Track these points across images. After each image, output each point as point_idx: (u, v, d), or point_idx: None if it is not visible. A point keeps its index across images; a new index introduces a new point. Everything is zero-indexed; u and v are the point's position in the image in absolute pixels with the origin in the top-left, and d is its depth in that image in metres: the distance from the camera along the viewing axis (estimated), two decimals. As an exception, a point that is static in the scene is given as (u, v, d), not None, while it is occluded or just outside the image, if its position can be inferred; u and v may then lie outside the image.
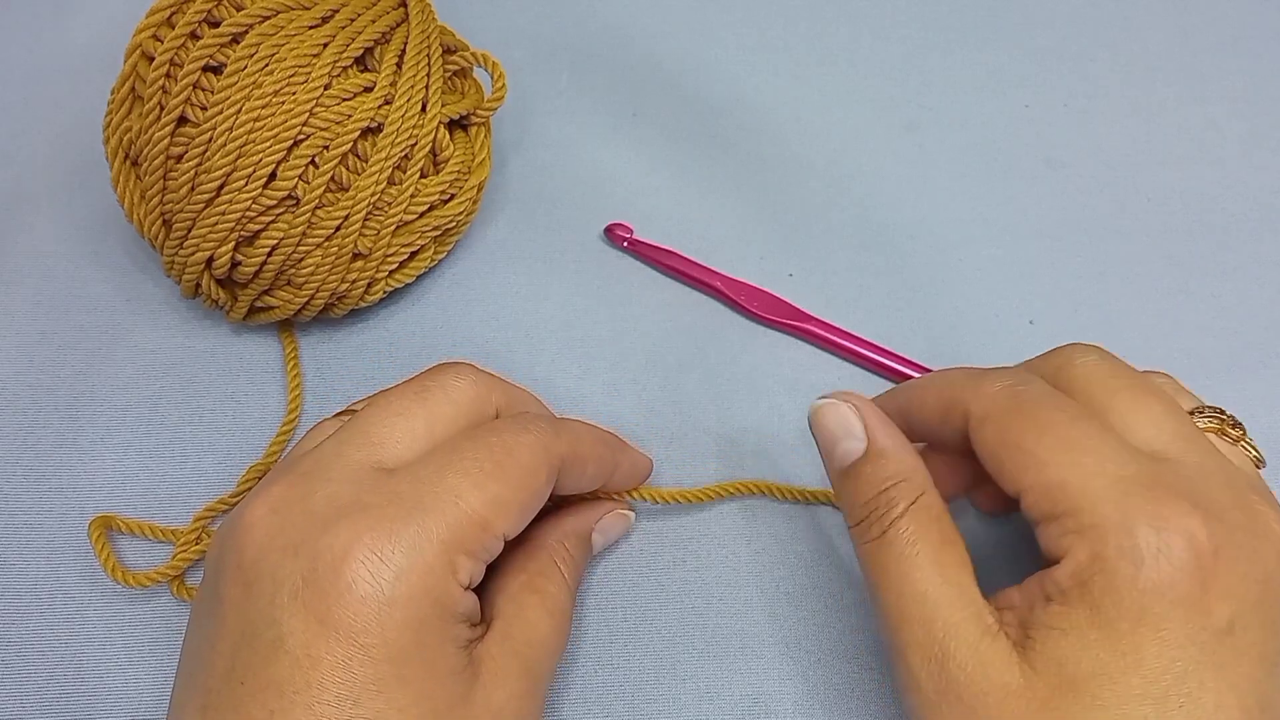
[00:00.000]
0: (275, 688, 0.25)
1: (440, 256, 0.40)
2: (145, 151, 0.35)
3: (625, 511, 0.35)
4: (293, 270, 0.36)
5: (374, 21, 0.36)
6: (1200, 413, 0.30)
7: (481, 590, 0.29)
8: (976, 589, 0.27)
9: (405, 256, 0.37)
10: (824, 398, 0.31)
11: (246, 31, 0.34)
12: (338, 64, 0.34)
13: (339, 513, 0.26)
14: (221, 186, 0.34)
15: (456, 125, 0.38)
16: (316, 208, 0.35)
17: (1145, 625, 0.24)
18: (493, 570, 0.29)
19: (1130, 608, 0.25)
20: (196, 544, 0.35)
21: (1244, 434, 0.30)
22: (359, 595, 0.25)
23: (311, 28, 0.35)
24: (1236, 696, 0.24)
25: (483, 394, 0.30)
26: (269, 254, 0.35)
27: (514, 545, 0.30)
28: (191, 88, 0.34)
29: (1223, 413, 0.30)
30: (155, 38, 0.35)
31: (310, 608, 0.25)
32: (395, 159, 0.35)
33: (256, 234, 0.35)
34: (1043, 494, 0.26)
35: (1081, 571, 0.25)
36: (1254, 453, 0.30)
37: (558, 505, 0.33)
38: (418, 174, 0.36)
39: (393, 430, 0.28)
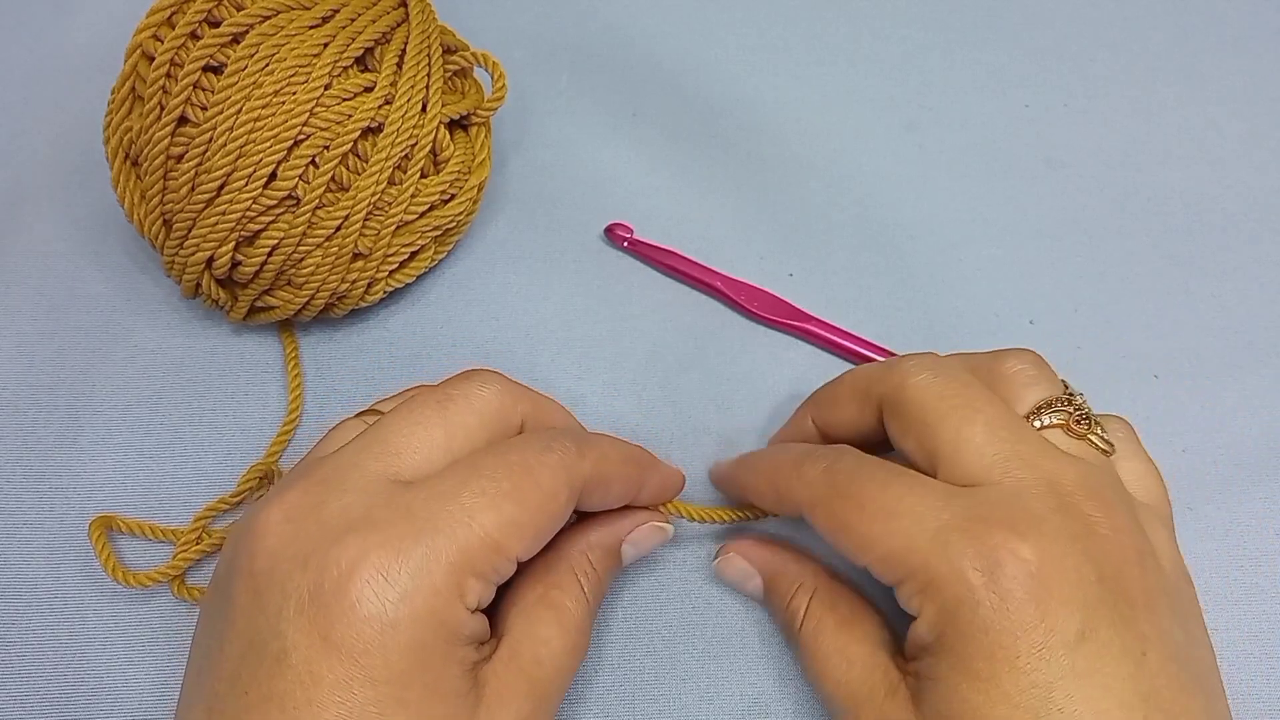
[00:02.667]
0: (277, 702, 0.25)
1: (440, 256, 0.40)
2: (145, 151, 0.35)
3: (663, 525, 0.33)
4: (293, 270, 0.36)
5: (374, 21, 0.36)
6: (1049, 407, 0.30)
7: (495, 601, 0.28)
8: (880, 654, 0.30)
9: (405, 256, 0.37)
10: (715, 557, 0.35)
11: (247, 31, 0.34)
12: (338, 64, 0.34)
13: (350, 526, 0.26)
14: (221, 186, 0.34)
15: (457, 125, 0.38)
16: (317, 208, 0.35)
17: (998, 660, 0.25)
18: (508, 580, 0.29)
19: (980, 648, 0.26)
20: (197, 544, 0.35)
21: (1090, 426, 0.30)
22: (362, 615, 0.25)
23: (312, 28, 0.35)
24: (1112, 697, 0.25)
25: (507, 405, 0.30)
26: (269, 254, 0.35)
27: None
28: (192, 88, 0.34)
29: (1071, 403, 0.30)
30: (155, 38, 0.35)
31: (315, 624, 0.25)
32: (395, 159, 0.35)
33: (256, 234, 0.35)
34: (882, 567, 0.28)
35: (934, 626, 0.27)
36: (1101, 445, 0.30)
37: (587, 514, 0.32)
38: (418, 174, 0.36)
39: (411, 440, 0.28)
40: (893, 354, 0.39)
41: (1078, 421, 0.30)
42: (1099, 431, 0.30)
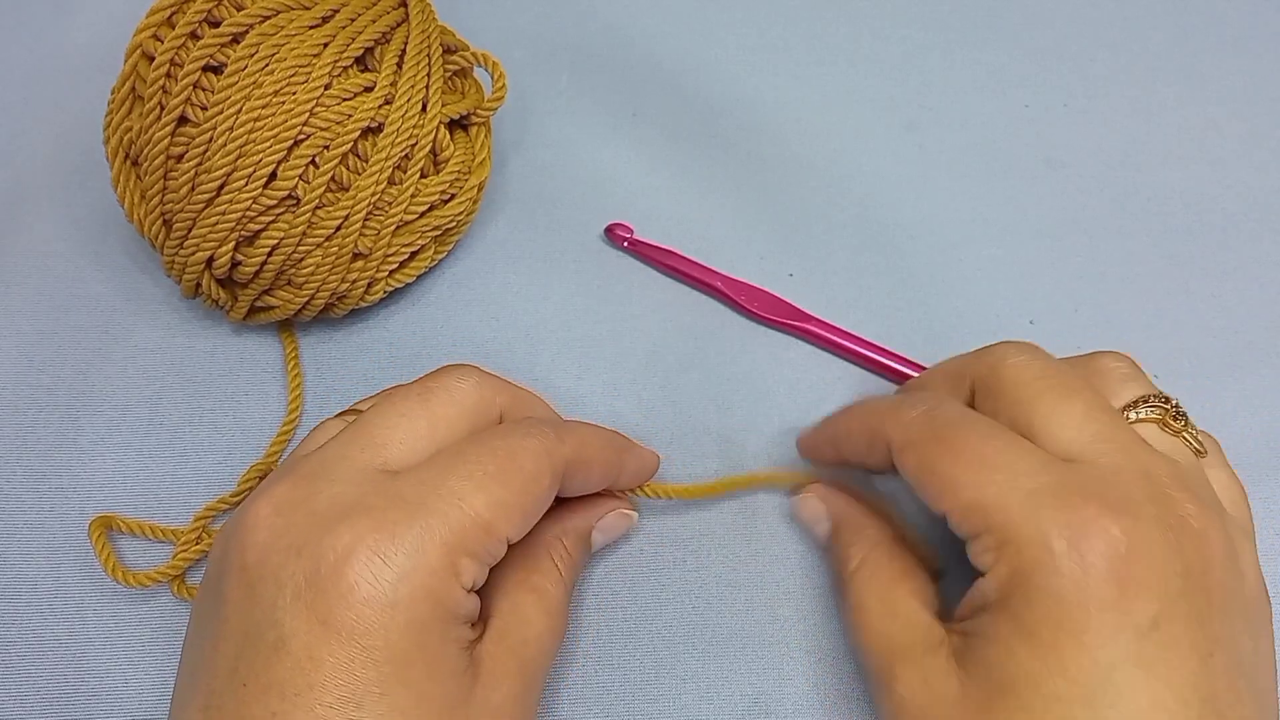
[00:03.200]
0: (277, 689, 0.25)
1: (440, 256, 0.40)
2: (145, 151, 0.35)
3: (628, 511, 0.35)
4: (293, 270, 0.36)
5: (374, 21, 0.36)
6: (1145, 402, 0.30)
7: (480, 588, 0.29)
8: (926, 612, 0.30)
9: (405, 256, 0.37)
10: (796, 495, 0.36)
11: (247, 31, 0.34)
12: (338, 64, 0.34)
13: (342, 514, 0.26)
14: (221, 186, 0.34)
15: (456, 125, 0.38)
16: (317, 208, 0.35)
17: (1065, 631, 0.25)
18: (491, 568, 0.29)
19: (1049, 616, 0.25)
20: (196, 544, 0.35)
21: (1186, 424, 0.30)
22: (361, 597, 0.25)
23: (311, 28, 0.35)
24: (1171, 691, 0.25)
25: (487, 396, 0.30)
26: (269, 254, 0.35)
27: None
28: (192, 88, 0.34)
29: (1167, 402, 0.30)
30: (155, 38, 0.35)
31: (313, 609, 0.25)
32: (395, 159, 0.35)
33: (256, 234, 0.35)
34: (962, 515, 0.28)
35: (1004, 585, 0.27)
36: (1194, 444, 0.30)
37: (559, 501, 0.33)
38: (418, 174, 0.36)
39: (395, 431, 0.28)
40: (893, 354, 0.39)
41: (1174, 418, 0.30)
42: (1193, 431, 0.30)
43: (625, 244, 0.42)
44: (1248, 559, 0.28)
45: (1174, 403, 0.30)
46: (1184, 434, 0.30)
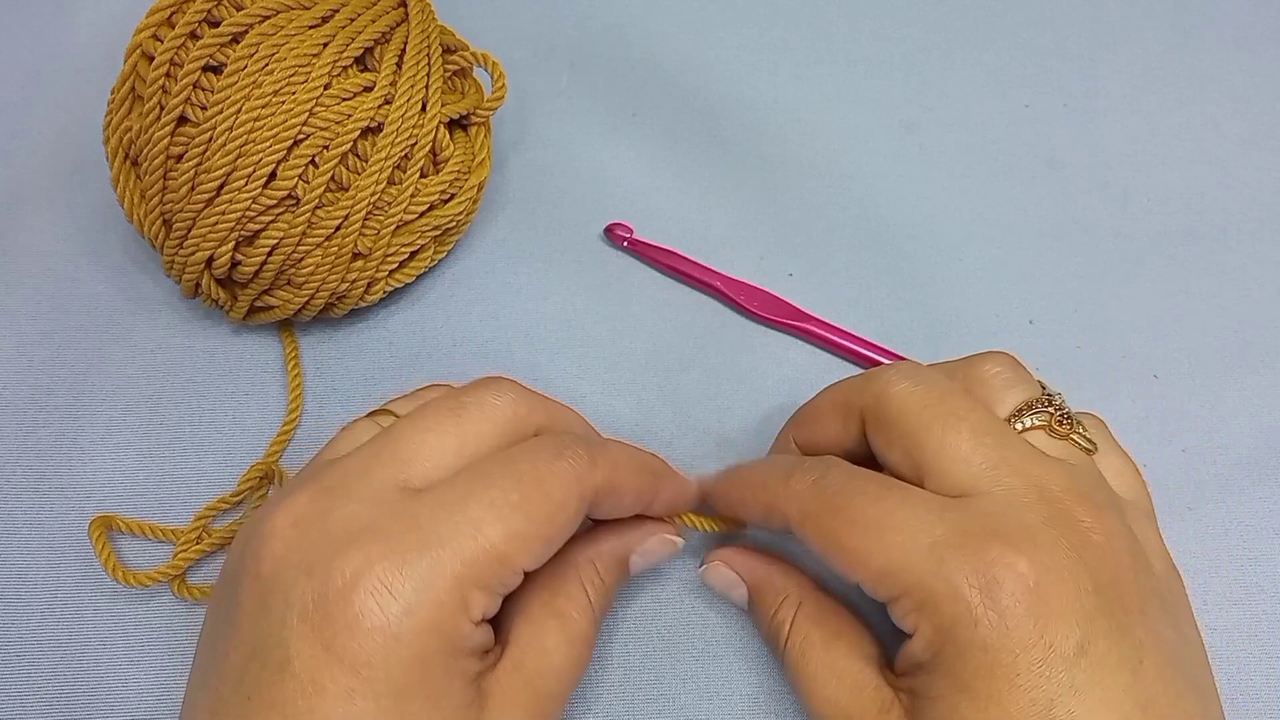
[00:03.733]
0: (279, 709, 0.25)
1: (440, 256, 0.40)
2: (145, 151, 0.35)
3: (673, 537, 0.33)
4: (293, 270, 0.36)
5: (374, 21, 0.36)
6: (1030, 409, 0.30)
7: (500, 607, 0.28)
8: (870, 670, 0.29)
9: (405, 256, 0.37)
10: (702, 565, 0.34)
11: (246, 31, 0.34)
12: (338, 64, 0.34)
13: (355, 536, 0.26)
14: (221, 186, 0.34)
15: (456, 125, 0.39)
16: (316, 208, 0.35)
17: (998, 679, 0.25)
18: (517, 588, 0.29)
19: (980, 667, 0.25)
20: (196, 544, 0.35)
21: (1072, 425, 0.30)
22: (366, 627, 0.25)
23: (311, 27, 0.35)
24: (1112, 711, 0.25)
25: (522, 414, 0.29)
26: (269, 254, 0.35)
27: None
28: (191, 87, 0.34)
29: (1050, 404, 0.30)
30: (155, 37, 0.35)
31: (318, 633, 0.25)
32: (395, 159, 0.35)
33: (256, 234, 0.35)
34: (875, 583, 0.27)
35: (931, 644, 0.26)
36: (1084, 444, 0.30)
37: (597, 521, 0.32)
38: (418, 174, 0.36)
39: (422, 448, 0.28)
40: (893, 354, 0.39)
41: (1060, 422, 0.30)
42: (1081, 430, 0.30)
43: (625, 244, 0.42)
44: (1153, 546, 0.29)
45: (1058, 403, 0.30)
46: (1072, 436, 0.30)
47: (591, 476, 0.28)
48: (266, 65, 0.33)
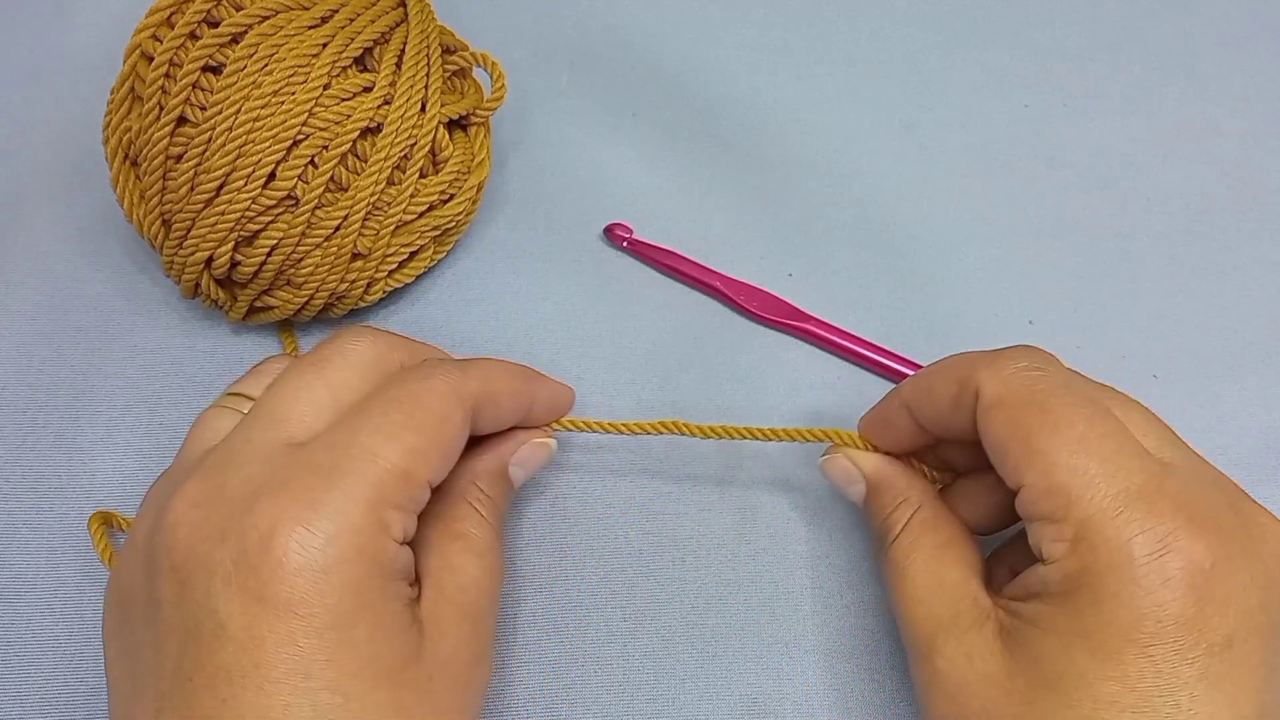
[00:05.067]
0: (224, 675, 0.24)
1: (440, 256, 0.40)
2: (145, 151, 0.35)
3: (544, 440, 0.34)
4: (292, 270, 0.36)
5: (373, 21, 0.36)
6: None
7: (411, 542, 0.29)
8: (973, 581, 0.29)
9: (405, 256, 0.37)
10: (825, 454, 0.34)
11: (246, 31, 0.34)
12: (337, 64, 0.34)
13: (258, 492, 0.26)
14: (221, 186, 0.34)
15: (456, 125, 0.38)
16: (316, 208, 0.35)
17: (1133, 642, 0.25)
18: (418, 529, 0.29)
19: (1117, 623, 0.25)
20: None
21: None
22: (292, 568, 0.25)
23: (311, 28, 0.35)
24: (1233, 709, 0.24)
25: (382, 353, 0.30)
26: (268, 254, 0.35)
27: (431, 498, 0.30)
28: (191, 88, 0.34)
29: None
30: (155, 38, 0.35)
31: (245, 589, 0.25)
32: (395, 159, 0.35)
33: (256, 234, 0.35)
34: (1044, 494, 0.26)
35: (1070, 579, 0.26)
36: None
37: (472, 445, 0.32)
38: (417, 174, 0.36)
39: (296, 405, 0.28)
40: (893, 354, 0.39)
41: None
42: None
43: (625, 244, 0.42)
44: None
45: None
46: None
47: (466, 386, 0.29)
48: (266, 65, 0.33)
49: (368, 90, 0.35)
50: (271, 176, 0.34)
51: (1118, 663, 0.25)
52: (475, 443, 0.32)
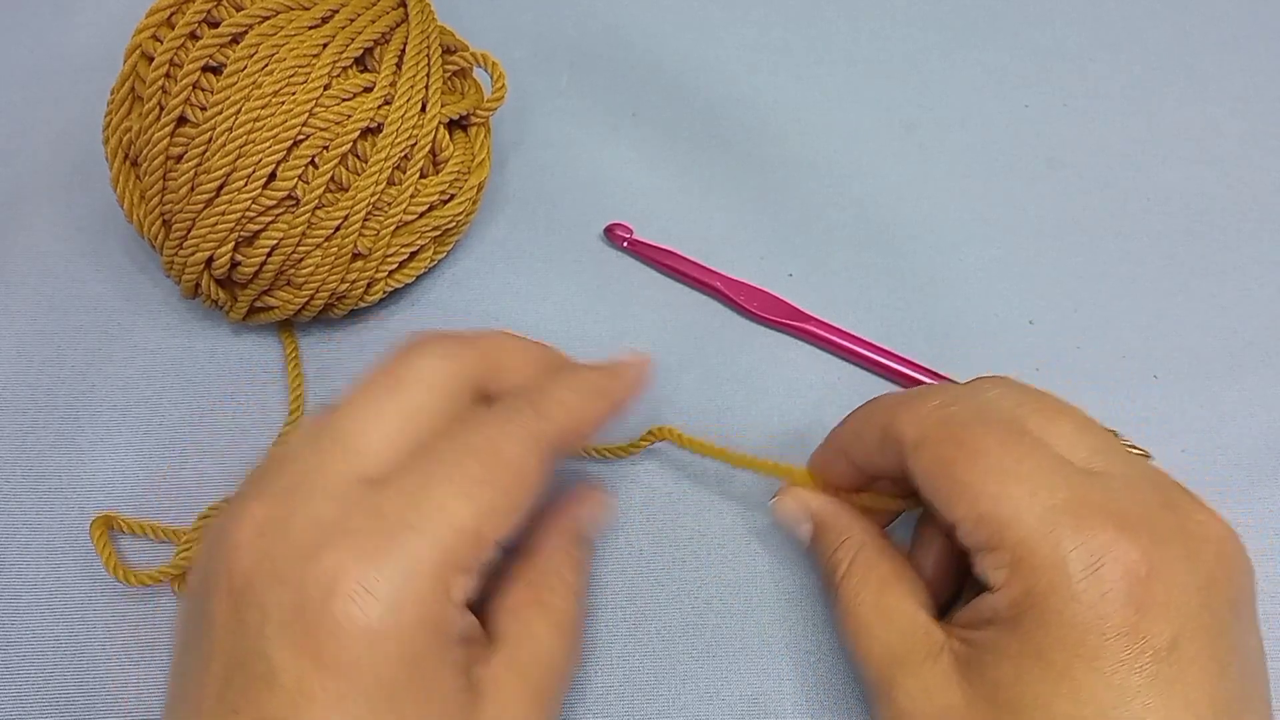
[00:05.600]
0: None
1: (440, 256, 0.40)
2: (145, 151, 0.35)
3: (603, 500, 0.34)
4: (292, 270, 0.36)
5: (374, 22, 0.36)
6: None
7: (484, 606, 0.28)
8: (921, 614, 0.29)
9: (405, 256, 0.37)
10: (774, 497, 0.34)
11: (246, 32, 0.34)
12: (337, 64, 0.34)
13: (323, 538, 0.25)
14: (221, 187, 0.34)
15: (456, 125, 0.39)
16: (316, 208, 0.35)
17: (1080, 658, 0.25)
18: (494, 583, 0.28)
19: (1064, 641, 0.25)
20: (198, 544, 0.35)
21: (1120, 438, 0.30)
22: (350, 631, 0.24)
23: (311, 28, 0.35)
24: (1188, 709, 0.24)
25: (456, 370, 0.29)
26: (269, 254, 0.35)
27: (512, 552, 0.29)
28: (191, 88, 0.34)
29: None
30: (155, 38, 0.35)
31: (301, 643, 0.24)
32: (395, 159, 0.35)
33: (256, 234, 0.35)
34: (975, 526, 0.27)
35: (1016, 604, 0.26)
36: (1140, 451, 0.30)
37: (550, 504, 0.32)
38: (417, 174, 0.36)
39: (369, 435, 0.27)
40: (892, 354, 0.39)
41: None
42: (1128, 440, 0.30)
43: (625, 244, 0.42)
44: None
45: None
46: (1128, 446, 0.30)
47: (544, 430, 0.28)
48: (266, 66, 0.33)
49: (368, 90, 0.35)
50: (272, 177, 0.34)
51: (1069, 680, 0.25)
52: (550, 504, 0.32)
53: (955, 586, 0.32)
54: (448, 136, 0.37)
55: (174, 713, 0.27)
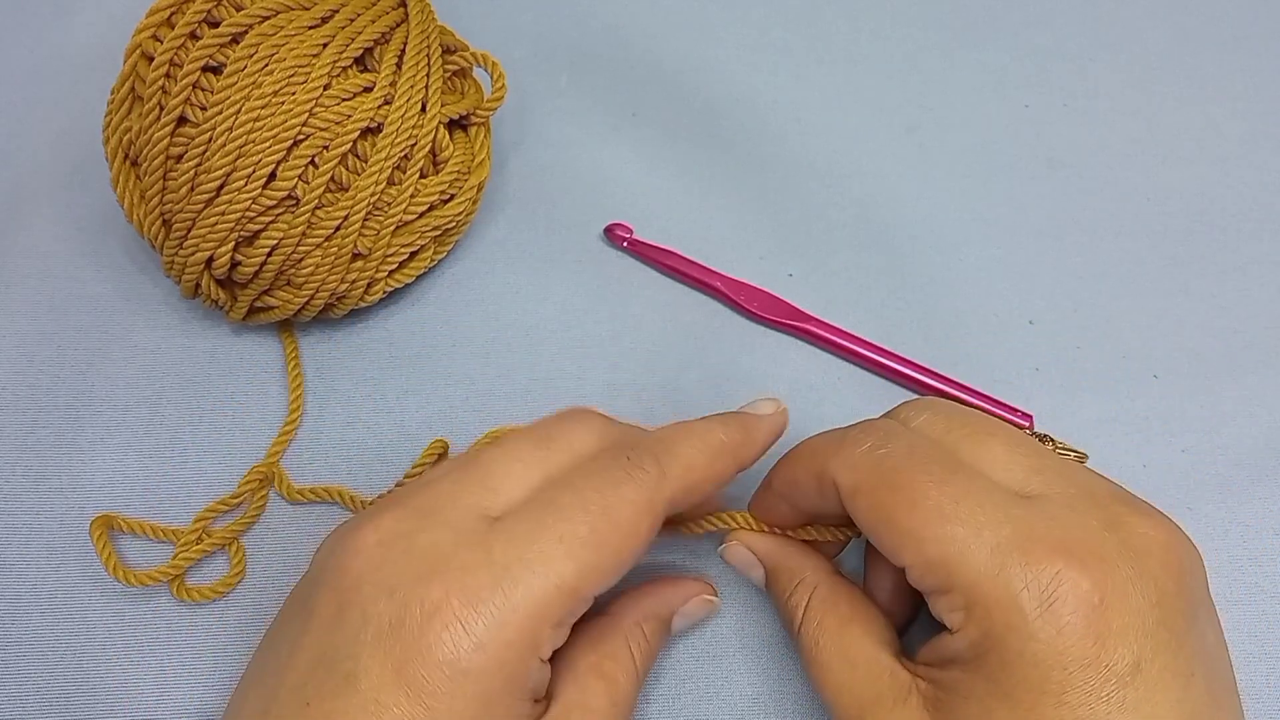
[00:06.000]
0: None
1: (440, 256, 0.40)
2: (145, 151, 0.35)
3: (711, 598, 0.33)
4: (293, 270, 0.36)
5: (374, 21, 0.36)
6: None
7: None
8: (885, 655, 0.29)
9: (405, 256, 0.37)
10: (722, 545, 0.33)
11: (246, 31, 0.34)
12: (337, 64, 0.34)
13: (437, 565, 0.26)
14: (221, 186, 0.34)
15: (456, 125, 0.39)
16: (316, 208, 0.35)
17: (1046, 694, 0.24)
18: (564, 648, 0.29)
19: (1027, 681, 0.25)
20: (197, 544, 0.35)
21: (1054, 443, 0.30)
22: (437, 658, 0.25)
23: (311, 28, 0.35)
24: None
25: (605, 446, 0.29)
26: (269, 254, 0.35)
27: (587, 614, 0.29)
28: (191, 88, 0.34)
29: (1034, 432, 0.30)
30: (155, 38, 0.35)
31: (390, 655, 0.25)
32: (395, 159, 0.35)
33: (256, 234, 0.35)
34: (925, 571, 0.27)
35: (976, 645, 0.26)
36: (1076, 453, 0.30)
37: (639, 580, 0.32)
38: (417, 174, 0.36)
39: (509, 478, 0.28)
40: (893, 354, 0.39)
41: (1041, 439, 0.30)
42: (1064, 444, 0.30)
43: (625, 244, 0.42)
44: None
45: (1029, 427, 0.30)
46: (1059, 450, 0.30)
47: (661, 493, 0.28)
48: (266, 66, 0.33)
49: (368, 90, 0.35)
50: (272, 176, 0.34)
51: (1037, 717, 0.25)
52: (640, 582, 0.32)
53: (914, 607, 0.32)
54: (448, 136, 0.37)
55: (248, 695, 0.27)
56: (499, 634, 0.25)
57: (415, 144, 0.36)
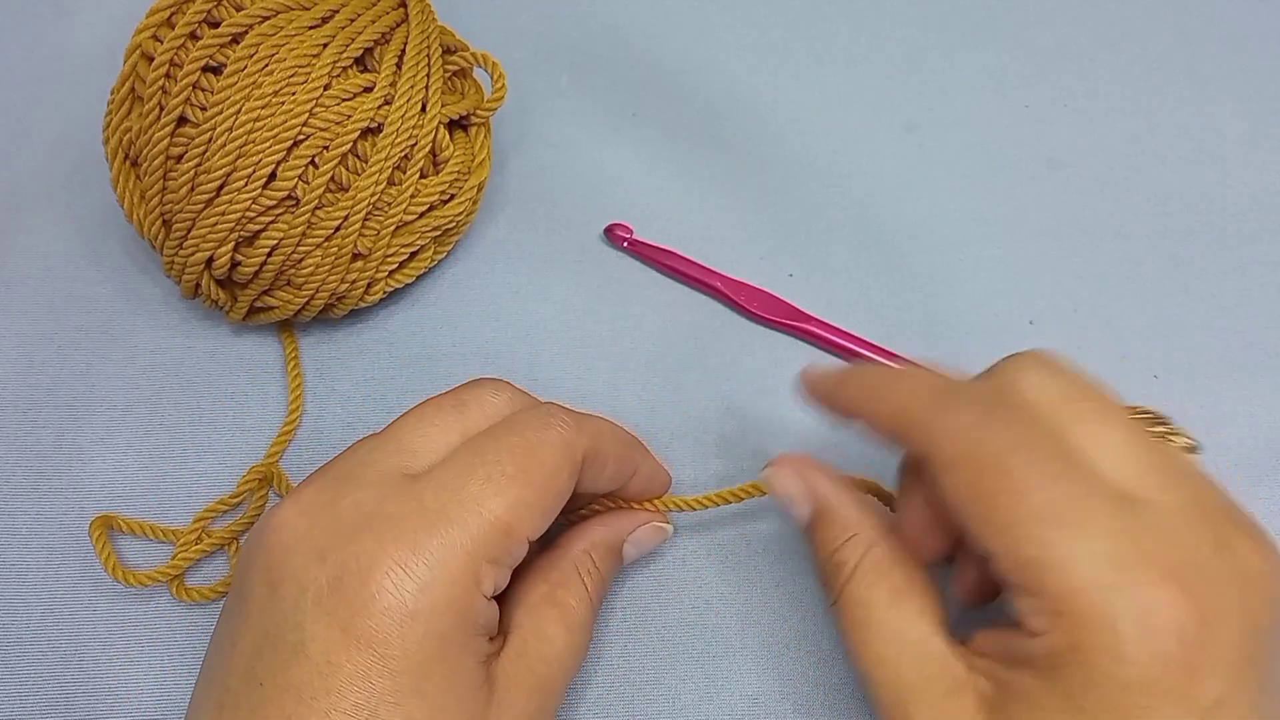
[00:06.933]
0: (294, 692, 0.25)
1: (440, 256, 0.40)
2: (145, 152, 0.35)
3: (663, 524, 0.34)
4: (293, 270, 0.36)
5: (374, 22, 0.36)
6: (1134, 414, 0.28)
7: (500, 599, 0.29)
8: (939, 638, 0.27)
9: (405, 257, 0.37)
10: (769, 464, 0.31)
11: (246, 32, 0.34)
12: (337, 64, 0.34)
13: (365, 522, 0.26)
14: (221, 187, 0.34)
15: (456, 125, 0.39)
16: (316, 208, 0.35)
17: (1126, 717, 0.23)
18: (513, 578, 0.29)
19: (1107, 701, 0.23)
20: (196, 544, 0.35)
21: (1169, 426, 0.29)
22: (382, 606, 0.25)
23: (311, 28, 0.35)
24: None
25: (514, 409, 0.30)
26: (269, 254, 0.35)
27: (537, 552, 0.30)
28: (191, 88, 0.34)
29: (1148, 409, 0.29)
30: (155, 38, 0.35)
31: (334, 615, 0.25)
32: (395, 159, 0.35)
33: (256, 234, 0.35)
34: (1015, 566, 0.25)
35: (1057, 654, 0.24)
36: (1187, 440, 0.28)
37: (589, 514, 0.33)
38: (417, 174, 0.36)
39: (425, 440, 0.29)
40: (893, 354, 0.39)
41: (1155, 422, 0.28)
42: (1180, 429, 0.29)
43: (625, 244, 0.42)
44: None
45: (1151, 408, 0.29)
46: (1170, 436, 0.29)
47: (578, 441, 0.29)
48: (266, 66, 0.33)
49: (368, 90, 0.35)
50: (272, 177, 0.34)
51: None
52: (591, 514, 0.33)
53: (949, 547, 0.29)
54: (448, 136, 0.37)
55: (201, 692, 0.27)
56: (442, 572, 0.26)
57: (415, 144, 0.36)
